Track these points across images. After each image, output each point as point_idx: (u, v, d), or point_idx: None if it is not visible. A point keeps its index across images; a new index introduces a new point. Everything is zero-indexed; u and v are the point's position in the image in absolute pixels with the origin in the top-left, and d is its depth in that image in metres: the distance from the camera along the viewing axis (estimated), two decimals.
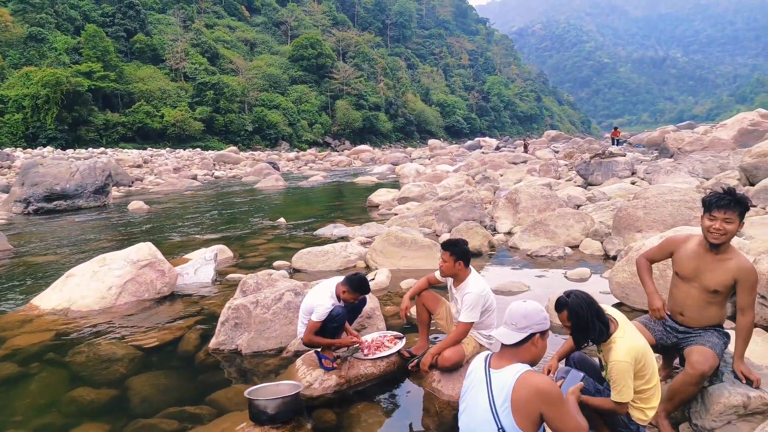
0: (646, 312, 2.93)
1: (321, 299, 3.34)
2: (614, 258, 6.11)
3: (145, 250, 5.78)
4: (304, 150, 51.87)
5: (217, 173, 28.14)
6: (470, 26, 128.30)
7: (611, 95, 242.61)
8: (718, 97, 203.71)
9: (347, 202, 15.32)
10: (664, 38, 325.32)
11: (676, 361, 2.89)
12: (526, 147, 29.26)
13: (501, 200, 9.18)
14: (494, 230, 8.42)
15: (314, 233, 9.39)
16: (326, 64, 65.97)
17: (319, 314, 3.26)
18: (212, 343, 4.06)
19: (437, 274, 3.50)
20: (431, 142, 54.17)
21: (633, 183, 11.29)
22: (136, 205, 14.01)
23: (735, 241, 4.73)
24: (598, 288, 5.19)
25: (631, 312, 4.41)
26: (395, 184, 18.90)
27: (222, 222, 11.63)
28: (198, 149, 44.04)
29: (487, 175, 15.52)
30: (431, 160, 31.59)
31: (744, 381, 2.47)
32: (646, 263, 2.90)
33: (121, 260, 5.61)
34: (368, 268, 6.60)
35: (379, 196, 13.16)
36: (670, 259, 2.80)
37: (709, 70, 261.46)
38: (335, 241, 8.12)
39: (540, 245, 6.97)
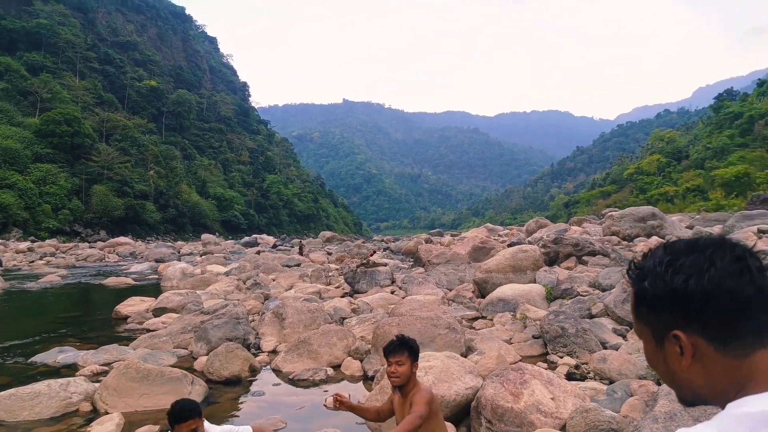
0: None
1: None
2: (372, 378, 6.21)
3: None
4: (44, 240, 43.44)
5: None
6: (252, 126, 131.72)
7: (379, 201, 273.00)
8: (460, 210, 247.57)
9: (88, 313, 12.80)
10: (419, 159, 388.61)
11: None
12: (301, 249, 29.94)
13: (268, 314, 8.81)
14: (259, 348, 7.91)
15: (30, 361, 7.40)
16: (84, 144, 58.49)
17: None
18: None
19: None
20: (205, 236, 51.42)
21: (392, 292, 12.24)
22: None
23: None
24: (354, 417, 5.10)
25: None
26: (156, 287, 16.91)
27: None
28: None
29: (259, 281, 15.10)
30: (202, 257, 29.67)
31: None
32: None
33: None
34: (96, 411, 5.34)
35: (130, 306, 11.33)
36: None
37: (452, 188, 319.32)
38: (57, 373, 6.52)
39: (303, 367, 6.73)
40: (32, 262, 28.12)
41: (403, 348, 2.95)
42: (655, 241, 16.18)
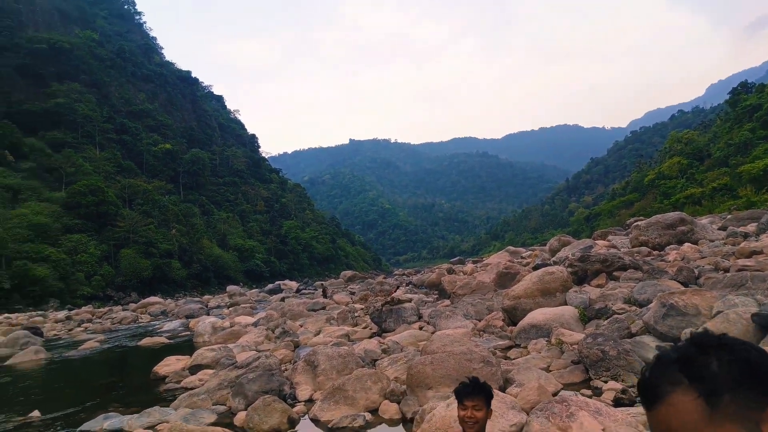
0: None
1: None
2: (411, 420, 6.12)
3: None
4: (80, 307, 44.28)
5: None
6: (264, 175, 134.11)
7: (395, 235, 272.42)
8: (478, 235, 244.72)
9: (127, 376, 12.93)
10: (431, 188, 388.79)
11: None
12: (325, 292, 29.95)
13: (300, 363, 8.80)
14: (295, 398, 7.88)
15: (79, 430, 7.47)
16: (109, 212, 60.53)
17: None
18: None
19: None
20: (230, 288, 51.94)
21: (421, 328, 12.12)
22: None
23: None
24: None
25: None
26: (189, 344, 17.05)
27: None
28: None
29: (287, 328, 15.11)
30: (230, 309, 29.83)
31: None
32: None
33: None
34: None
35: (167, 366, 11.43)
36: None
37: (468, 213, 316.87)
38: None
39: (341, 414, 6.68)
40: (71, 330, 28.45)
41: (481, 391, 2.72)
42: (687, 247, 15.58)
